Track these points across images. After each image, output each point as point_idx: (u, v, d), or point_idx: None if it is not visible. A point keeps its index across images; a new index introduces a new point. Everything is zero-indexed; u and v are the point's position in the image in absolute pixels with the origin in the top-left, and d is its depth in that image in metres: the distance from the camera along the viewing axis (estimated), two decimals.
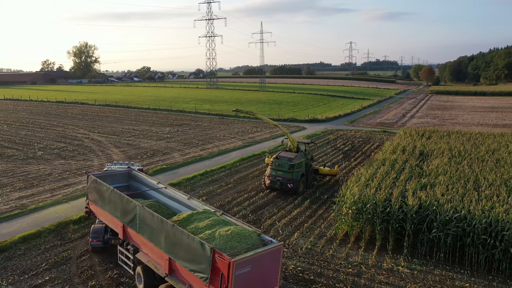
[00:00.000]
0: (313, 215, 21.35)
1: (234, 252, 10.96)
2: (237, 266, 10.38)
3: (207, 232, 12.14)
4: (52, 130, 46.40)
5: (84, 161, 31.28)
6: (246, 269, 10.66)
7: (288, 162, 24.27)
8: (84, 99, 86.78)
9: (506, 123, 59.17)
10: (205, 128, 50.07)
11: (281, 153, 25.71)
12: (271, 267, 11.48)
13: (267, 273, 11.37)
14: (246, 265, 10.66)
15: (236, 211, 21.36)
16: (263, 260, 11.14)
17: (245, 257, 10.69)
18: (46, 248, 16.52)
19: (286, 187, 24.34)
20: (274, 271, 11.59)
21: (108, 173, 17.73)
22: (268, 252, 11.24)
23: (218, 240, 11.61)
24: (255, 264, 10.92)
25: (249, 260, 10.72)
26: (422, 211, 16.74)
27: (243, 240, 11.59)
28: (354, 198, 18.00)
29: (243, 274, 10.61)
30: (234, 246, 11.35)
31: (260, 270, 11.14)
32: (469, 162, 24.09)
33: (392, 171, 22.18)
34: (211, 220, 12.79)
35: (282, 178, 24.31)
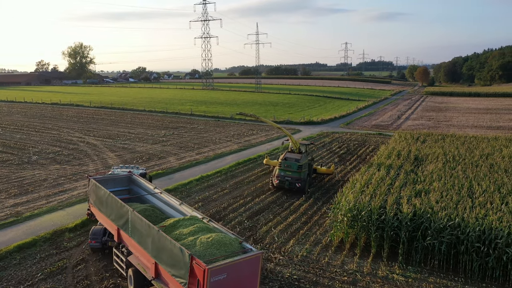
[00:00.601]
0: (308, 221, 21.44)
1: (211, 259, 11.10)
2: (212, 273, 10.54)
3: (189, 238, 12.36)
4: (47, 133, 46.20)
5: (79, 166, 31.19)
6: (221, 277, 10.80)
7: (296, 163, 25.61)
8: (79, 101, 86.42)
9: (500, 125, 59.63)
10: (200, 131, 50.06)
11: (288, 155, 26.89)
12: (250, 275, 11.51)
13: (245, 281, 11.42)
14: (221, 272, 10.79)
15: (232, 218, 21.40)
16: (240, 268, 11.19)
17: (220, 264, 10.82)
18: (42, 257, 16.47)
19: (295, 187, 25.52)
20: (253, 280, 11.61)
21: (109, 177, 18.26)
22: (246, 260, 11.31)
23: (198, 247, 11.81)
24: (231, 272, 11.02)
25: (224, 268, 10.85)
26: (417, 219, 16.87)
27: (223, 248, 11.75)
28: (349, 205, 18.11)
29: (219, 281, 10.76)
30: (213, 253, 11.52)
31: (237, 278, 11.21)
32: (463, 167, 24.28)
33: (387, 177, 22.31)
34: (196, 226, 13.02)
35: (291, 178, 25.54)
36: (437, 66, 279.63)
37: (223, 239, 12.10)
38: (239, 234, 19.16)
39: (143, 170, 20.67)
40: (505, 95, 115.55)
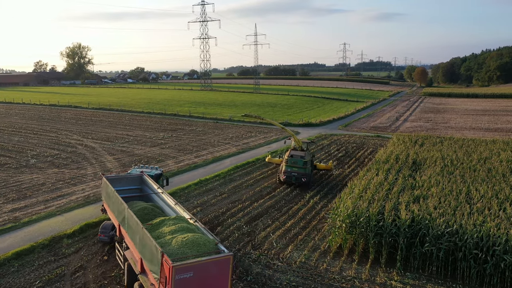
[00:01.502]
0: (307, 226, 21.46)
1: (180, 257, 11.46)
2: (177, 271, 10.90)
3: (168, 237, 12.83)
4: (45, 136, 46.11)
5: (77, 169, 31.13)
6: (187, 275, 11.10)
7: (302, 160, 27.71)
8: (78, 102, 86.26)
9: (498, 126, 59.77)
10: (199, 133, 50.04)
11: (293, 152, 28.86)
12: (219, 276, 11.72)
13: (214, 281, 11.65)
14: (187, 271, 11.10)
15: (230, 223, 21.40)
16: (208, 268, 11.45)
17: (186, 263, 11.16)
18: (40, 264, 16.45)
19: (301, 181, 27.50)
20: (223, 281, 11.84)
21: (122, 176, 19.35)
22: (214, 261, 11.54)
23: (173, 245, 12.22)
24: (198, 271, 11.29)
25: (191, 267, 11.16)
26: (415, 225, 16.92)
27: (196, 248, 12.07)
28: (348, 211, 18.14)
29: (185, 280, 11.08)
30: (185, 252, 11.88)
31: (205, 277, 11.47)
32: (461, 172, 24.36)
33: (385, 182, 22.36)
34: (177, 226, 13.51)
35: (297, 173, 27.48)
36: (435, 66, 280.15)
37: (198, 239, 12.42)
38: (237, 240, 19.25)
39: (160, 171, 21.69)
40: (503, 96, 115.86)
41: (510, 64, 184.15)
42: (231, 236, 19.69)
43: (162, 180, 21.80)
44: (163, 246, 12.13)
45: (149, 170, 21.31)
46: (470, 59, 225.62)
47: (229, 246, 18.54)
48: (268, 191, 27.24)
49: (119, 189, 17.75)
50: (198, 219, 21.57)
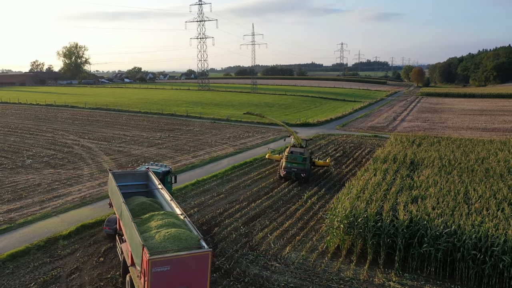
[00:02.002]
0: (304, 226, 21.36)
1: (160, 251, 11.86)
2: (154, 264, 11.32)
3: (153, 231, 13.26)
4: (42, 136, 45.82)
5: (74, 170, 30.92)
6: (164, 268, 11.48)
7: (301, 156, 29.06)
8: (74, 102, 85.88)
9: (495, 126, 59.90)
10: (196, 133, 49.88)
11: (293, 149, 30.16)
12: (197, 272, 11.99)
13: (191, 276, 11.90)
14: (164, 264, 11.48)
15: (228, 224, 21.27)
16: (185, 263, 11.78)
17: (163, 257, 11.55)
18: (35, 266, 16.26)
19: (300, 176, 28.78)
20: (202, 276, 12.08)
21: (128, 172, 19.79)
22: (192, 256, 11.87)
23: (155, 240, 12.62)
24: (176, 265, 11.63)
25: (168, 260, 11.53)
26: (413, 226, 16.84)
27: (177, 242, 12.39)
28: (346, 212, 18.05)
29: (162, 273, 11.47)
30: (166, 246, 12.21)
31: (183, 272, 11.75)
32: (459, 172, 24.33)
33: (383, 182, 22.29)
34: (165, 221, 13.92)
35: (296, 169, 28.76)
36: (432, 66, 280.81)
37: (181, 234, 12.73)
38: (235, 241, 19.14)
39: (168, 168, 21.94)
40: (499, 96, 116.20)
41: (507, 64, 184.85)
42: (229, 237, 19.56)
43: (170, 177, 21.91)
44: (146, 240, 12.58)
45: (157, 167, 21.60)
46: (467, 59, 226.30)
47: (226, 247, 18.43)
48: (266, 191, 27.14)
49: (126, 185, 18.57)
50: (196, 220, 21.54)
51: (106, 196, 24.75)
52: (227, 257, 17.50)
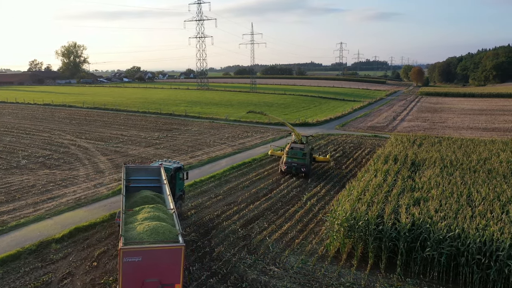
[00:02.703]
0: (304, 229, 20.89)
1: (136, 242, 12.43)
2: (125, 254, 11.82)
3: (136, 223, 13.85)
4: (38, 136, 45.28)
5: (69, 170, 30.40)
6: (136, 259, 11.93)
7: (301, 151, 30.04)
8: (72, 101, 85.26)
9: (495, 126, 59.50)
10: (194, 133, 49.38)
11: (293, 145, 31.20)
12: (170, 265, 12.24)
13: (163, 269, 12.21)
14: (135, 255, 11.95)
15: (226, 226, 20.79)
16: (157, 255, 12.13)
17: (135, 247, 12.06)
18: (26, 271, 15.73)
19: (300, 171, 29.73)
20: (175, 270, 12.32)
21: (142, 167, 20.80)
22: (164, 249, 12.24)
23: (135, 231, 13.20)
24: (147, 257, 12.03)
25: (139, 251, 11.98)
26: (415, 229, 16.37)
27: (154, 235, 12.85)
28: (346, 215, 17.58)
29: (133, 263, 11.91)
30: (143, 238, 12.72)
31: (155, 264, 12.10)
32: (461, 173, 23.88)
33: (384, 183, 21.81)
34: (151, 214, 14.55)
35: (297, 164, 29.69)
36: (432, 66, 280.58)
37: (160, 228, 13.20)
38: (233, 244, 18.70)
39: (180, 165, 22.27)
40: (499, 95, 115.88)
41: (506, 64, 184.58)
42: (226, 240, 19.08)
43: (182, 173, 22.18)
44: (127, 231, 13.16)
45: (169, 164, 21.89)
46: (466, 58, 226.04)
47: (223, 251, 17.96)
48: (264, 192, 26.66)
49: (139, 179, 19.36)
50: (193, 222, 21.09)
51: (101, 198, 24.28)
52: (224, 261, 17.02)
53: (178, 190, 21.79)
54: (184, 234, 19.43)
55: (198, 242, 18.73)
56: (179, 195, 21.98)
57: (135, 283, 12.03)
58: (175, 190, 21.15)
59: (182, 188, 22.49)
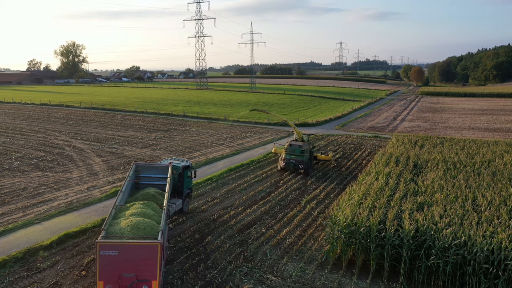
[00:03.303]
0: (303, 234, 20.16)
1: (113, 236, 12.91)
2: (101, 247, 12.15)
3: (122, 218, 14.24)
4: (33, 136, 44.51)
5: (63, 173, 29.65)
6: (112, 253, 12.19)
7: (299, 148, 30.66)
8: (70, 101, 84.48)
9: (497, 126, 58.78)
10: (192, 134, 48.63)
11: (292, 142, 32.03)
12: (146, 261, 12.36)
13: (140, 265, 12.33)
14: (112, 249, 12.19)
15: (222, 231, 20.05)
16: (133, 250, 12.31)
17: (111, 242, 12.39)
18: (11, 281, 14.99)
19: (298, 168, 30.38)
20: (151, 266, 12.39)
21: (152, 165, 21.15)
22: (139, 245, 12.41)
23: (119, 226, 13.60)
24: (123, 252, 12.23)
25: (115, 246, 12.23)
26: (419, 236, 15.64)
27: (134, 231, 13.26)
28: (347, 221, 16.84)
29: (109, 257, 12.18)
30: (123, 233, 13.13)
31: (131, 259, 12.27)
32: (465, 176, 23.14)
33: (386, 187, 21.07)
34: (139, 210, 14.94)
35: (295, 160, 30.47)
36: (432, 65, 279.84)
37: (141, 224, 13.59)
38: (229, 251, 18.04)
39: (188, 163, 22.61)
40: (500, 95, 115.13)
41: (506, 63, 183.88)
42: (222, 247, 18.33)
43: (190, 172, 22.41)
44: (112, 225, 13.66)
45: (178, 162, 22.22)
46: (466, 58, 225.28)
47: (219, 258, 17.22)
48: (263, 195, 25.93)
49: (148, 176, 20.07)
50: (187, 228, 20.36)
51: (94, 201, 23.54)
52: (219, 270, 16.29)
53: (186, 188, 22.14)
54: (179, 240, 18.74)
55: (192, 249, 17.99)
56: (187, 193, 22.39)
57: (112, 277, 12.20)
58: (183, 188, 21.65)
59: (190, 186, 22.90)
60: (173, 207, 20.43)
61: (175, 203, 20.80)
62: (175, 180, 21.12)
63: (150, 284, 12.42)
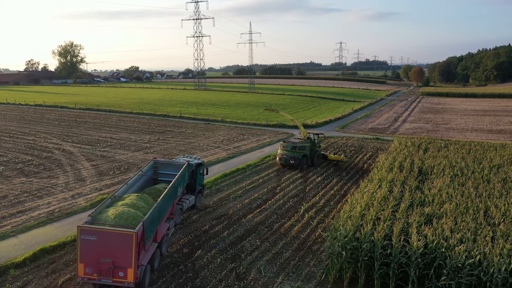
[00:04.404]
0: (301, 247, 18.67)
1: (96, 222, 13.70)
2: (82, 231, 12.93)
3: (112, 208, 14.89)
4: (22, 139, 42.98)
5: (48, 178, 28.13)
6: (91, 237, 12.90)
7: (291, 145, 32.16)
8: (65, 102, 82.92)
9: (501, 128, 57.36)
10: (188, 136, 47.15)
11: (290, 139, 34.82)
12: (123, 248, 12.91)
13: (116, 251, 12.92)
14: (91, 234, 12.91)
15: (213, 244, 18.53)
16: (110, 237, 12.90)
17: (90, 227, 13.15)
18: None
19: (289, 163, 32.03)
20: (127, 253, 12.92)
21: (170, 162, 22.04)
22: (116, 232, 12.97)
23: (105, 214, 14.30)
24: (102, 237, 12.88)
25: (94, 231, 12.95)
26: (429, 253, 14.16)
27: (116, 219, 13.84)
28: (348, 235, 15.34)
29: (89, 241, 12.90)
30: (107, 220, 13.82)
31: (108, 245, 12.90)
32: (474, 183, 21.66)
33: (391, 196, 19.57)
34: (131, 201, 15.60)
35: (286, 156, 32.11)
36: (432, 65, 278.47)
37: (126, 213, 14.21)
38: (219, 267, 16.63)
39: (201, 161, 23.59)
40: (502, 96, 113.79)
41: (507, 64, 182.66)
42: (212, 263, 16.81)
43: (202, 169, 23.35)
44: (101, 213, 14.44)
45: (191, 160, 23.05)
46: (466, 58, 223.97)
47: (208, 276, 15.71)
48: (258, 203, 24.44)
49: (165, 173, 21.01)
50: (176, 241, 18.86)
51: (78, 211, 22.03)
52: None
53: (198, 184, 23.20)
54: (165, 255, 17.24)
55: (180, 265, 16.48)
56: (199, 190, 23.45)
57: (91, 260, 12.93)
58: (195, 184, 22.72)
59: (202, 183, 23.93)
60: (186, 203, 21.39)
61: (188, 199, 21.75)
62: (188, 177, 21.84)
63: (126, 271, 12.98)
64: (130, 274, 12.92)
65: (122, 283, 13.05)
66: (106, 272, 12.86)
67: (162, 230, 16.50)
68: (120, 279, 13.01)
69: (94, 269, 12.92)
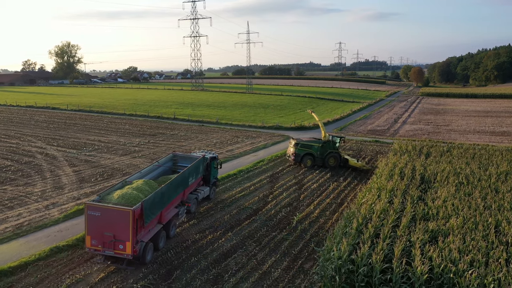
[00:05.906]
0: (291, 265, 16.88)
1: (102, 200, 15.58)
2: (88, 208, 14.91)
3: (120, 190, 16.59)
4: (5, 142, 41.12)
5: (24, 186, 26.30)
6: (96, 213, 14.79)
7: (296, 141, 33.72)
8: (58, 103, 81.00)
9: (503, 130, 55.59)
10: (180, 139, 45.34)
11: (301, 137, 36.69)
12: (122, 224, 14.64)
13: (116, 226, 14.71)
14: (95, 210, 14.81)
15: (193, 263, 16.70)
16: (111, 214, 14.70)
17: (94, 204, 15.03)
18: None
19: (291, 158, 33.49)
20: (125, 229, 14.65)
21: (187, 155, 24.27)
22: (115, 209, 14.76)
23: (111, 195, 16.15)
24: (104, 214, 14.73)
25: (97, 208, 14.84)
26: (435, 279, 12.38)
27: (119, 199, 15.66)
28: (343, 258, 13.54)
29: (94, 216, 14.82)
30: (110, 199, 15.71)
31: (110, 221, 14.71)
32: (481, 194, 19.90)
33: (391, 208, 17.78)
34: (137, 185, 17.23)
35: (291, 151, 33.74)
36: (432, 66, 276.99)
37: (128, 195, 15.99)
38: None
39: (215, 155, 25.21)
40: (503, 96, 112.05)
41: (507, 64, 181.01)
42: (191, 285, 15.00)
43: (216, 163, 25.06)
44: (109, 194, 16.31)
45: (207, 154, 24.82)
46: (466, 58, 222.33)
47: None
48: (248, 213, 22.64)
49: (183, 165, 22.69)
50: (155, 258, 16.99)
51: (49, 224, 20.19)
52: None
53: (213, 177, 24.79)
54: (140, 277, 15.41)
55: None
56: (214, 182, 25.01)
57: (96, 234, 14.87)
58: (210, 177, 24.32)
59: (216, 176, 25.51)
60: (201, 193, 22.86)
61: (203, 190, 23.25)
62: (203, 170, 23.34)
63: (125, 244, 14.75)
64: (128, 247, 14.69)
65: (122, 255, 14.87)
66: (109, 244, 14.77)
67: (169, 214, 18.16)
68: (120, 251, 14.83)
69: (99, 241, 14.86)
